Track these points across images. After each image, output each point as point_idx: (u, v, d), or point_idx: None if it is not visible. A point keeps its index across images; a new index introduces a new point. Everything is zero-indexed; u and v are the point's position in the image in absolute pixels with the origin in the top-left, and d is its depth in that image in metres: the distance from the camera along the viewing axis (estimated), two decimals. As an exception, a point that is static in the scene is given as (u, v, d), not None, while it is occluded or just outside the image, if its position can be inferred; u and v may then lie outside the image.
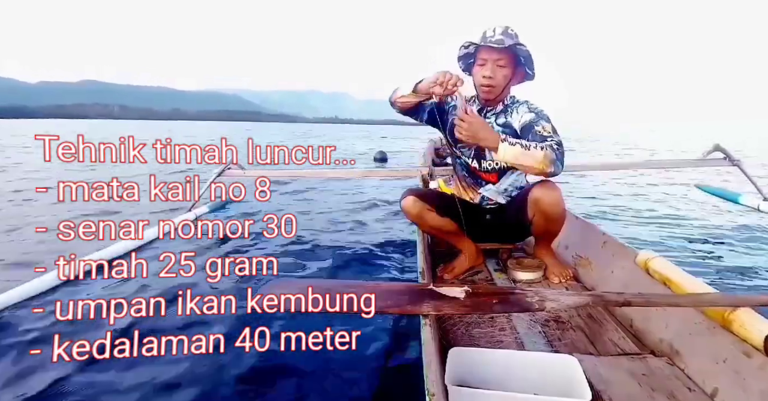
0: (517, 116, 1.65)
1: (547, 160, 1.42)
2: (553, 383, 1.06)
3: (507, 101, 1.70)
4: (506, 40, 1.55)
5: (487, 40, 1.56)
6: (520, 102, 1.69)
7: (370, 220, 3.80)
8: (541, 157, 1.42)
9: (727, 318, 1.07)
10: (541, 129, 1.53)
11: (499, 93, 1.65)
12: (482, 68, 1.61)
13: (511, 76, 1.63)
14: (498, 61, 1.58)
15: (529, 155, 1.42)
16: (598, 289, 1.66)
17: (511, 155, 1.43)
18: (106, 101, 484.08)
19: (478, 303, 1.18)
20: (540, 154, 1.42)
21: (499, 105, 1.70)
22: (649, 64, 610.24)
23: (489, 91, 1.63)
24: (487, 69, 1.59)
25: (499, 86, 1.63)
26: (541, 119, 1.58)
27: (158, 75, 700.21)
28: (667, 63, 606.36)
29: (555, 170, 1.45)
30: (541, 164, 1.42)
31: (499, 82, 1.61)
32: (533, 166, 1.44)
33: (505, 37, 1.55)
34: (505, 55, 1.58)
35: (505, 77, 1.61)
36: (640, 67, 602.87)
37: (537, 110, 1.63)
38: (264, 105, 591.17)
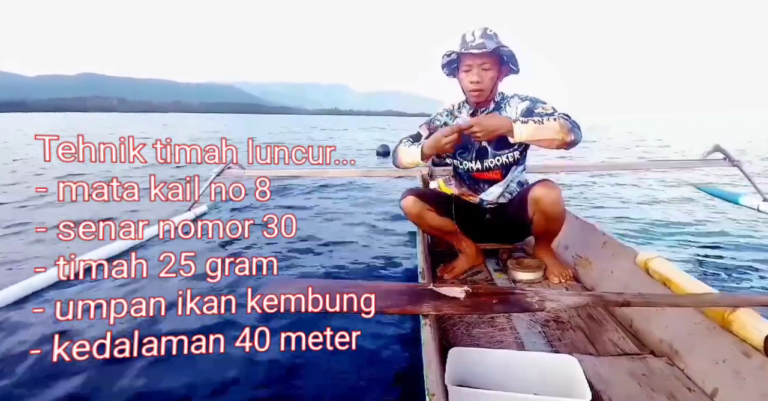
0: (512, 109, 1.66)
1: (564, 129, 1.43)
2: (553, 383, 1.06)
3: (497, 98, 1.71)
4: (487, 42, 1.55)
5: (468, 45, 1.56)
6: (510, 96, 1.71)
7: (370, 220, 3.79)
8: (557, 126, 1.43)
9: (727, 318, 1.07)
10: (542, 110, 1.55)
11: (489, 94, 1.67)
12: (468, 74, 1.62)
13: (497, 76, 1.64)
14: (482, 65, 1.59)
15: (545, 127, 1.44)
16: (598, 289, 1.66)
17: (528, 133, 1.44)
18: (105, 94, 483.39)
19: (478, 303, 1.18)
20: (555, 124, 1.44)
21: (491, 104, 1.71)
22: (652, 60, 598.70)
23: (479, 95, 1.65)
24: (474, 74, 1.60)
25: (488, 89, 1.64)
26: (537, 102, 1.61)
27: (158, 68, 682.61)
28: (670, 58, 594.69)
29: (575, 138, 1.45)
30: (560, 134, 1.43)
31: (487, 85, 1.63)
32: (553, 137, 1.44)
33: (486, 39, 1.55)
34: (489, 58, 1.58)
35: (491, 79, 1.63)
36: (642, 65, 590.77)
37: (529, 97, 1.66)
38: (264, 97, 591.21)
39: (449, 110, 1.79)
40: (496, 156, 1.72)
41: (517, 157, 1.73)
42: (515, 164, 1.74)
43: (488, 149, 1.71)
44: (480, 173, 1.78)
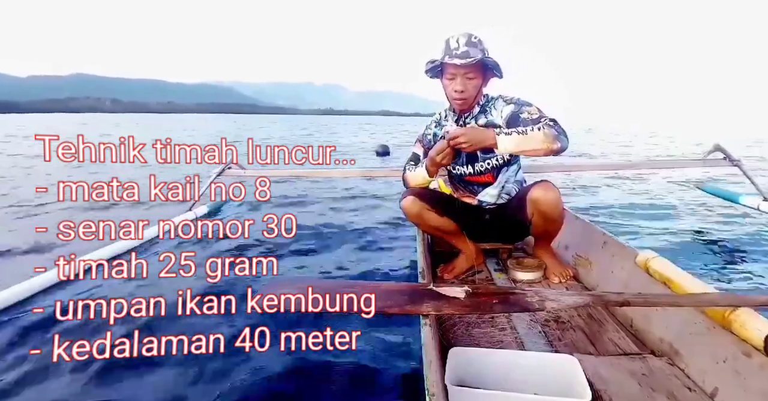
0: (497, 112, 1.65)
1: (549, 137, 1.41)
2: (553, 383, 1.06)
3: (482, 101, 1.70)
4: (471, 50, 1.53)
5: (453, 53, 1.55)
6: (494, 98, 1.69)
7: (370, 220, 3.79)
8: (542, 136, 1.41)
9: (727, 318, 1.07)
10: (527, 115, 1.53)
11: (473, 101, 1.66)
12: (452, 82, 1.60)
13: (481, 83, 1.63)
14: (467, 74, 1.58)
15: (529, 138, 1.42)
16: (598, 289, 1.66)
17: (512, 144, 1.43)
18: (97, 95, 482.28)
19: (478, 303, 1.18)
20: (539, 134, 1.42)
21: (475, 108, 1.69)
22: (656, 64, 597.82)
23: (463, 103, 1.65)
24: (458, 83, 1.59)
25: (471, 97, 1.63)
26: (522, 105, 1.59)
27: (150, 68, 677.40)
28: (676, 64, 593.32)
29: (562, 145, 1.44)
30: (545, 143, 1.42)
31: (471, 93, 1.62)
32: (538, 147, 1.42)
33: (470, 47, 1.54)
34: (473, 67, 1.57)
35: (475, 87, 1.61)
36: (647, 67, 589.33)
37: (515, 100, 1.64)
38: (258, 97, 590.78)
39: (437, 120, 1.79)
40: (486, 160, 1.71)
41: (507, 158, 1.72)
42: (507, 165, 1.73)
43: (477, 153, 1.70)
44: (472, 177, 1.77)
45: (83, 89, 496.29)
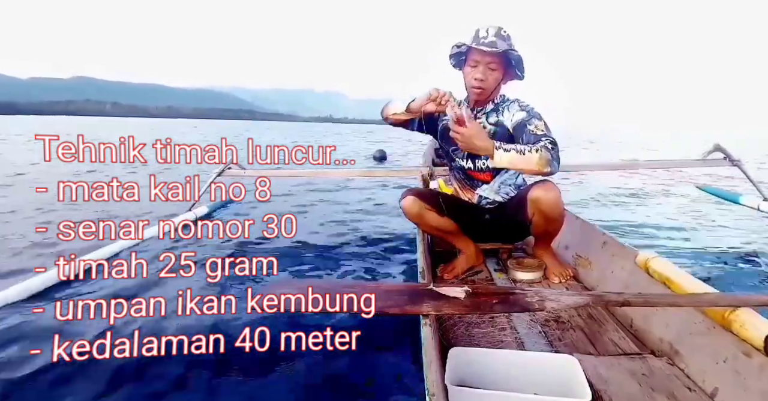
0: (509, 115, 1.65)
1: (542, 161, 1.43)
2: (553, 383, 1.06)
3: (497, 99, 1.70)
4: (499, 42, 1.55)
5: (480, 41, 1.56)
6: (511, 100, 1.70)
7: (370, 220, 3.80)
8: (536, 159, 1.43)
9: (727, 318, 1.07)
10: (534, 128, 1.54)
11: (489, 94, 1.67)
12: (474, 70, 1.61)
13: (501, 78, 1.64)
14: (490, 64, 1.59)
15: (524, 159, 1.44)
16: (598, 289, 1.66)
17: (507, 161, 1.45)
18: (98, 98, 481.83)
19: (478, 303, 1.18)
20: (535, 156, 1.43)
21: (489, 104, 1.70)
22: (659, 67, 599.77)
23: (480, 93, 1.65)
24: (479, 72, 1.60)
25: (490, 89, 1.64)
26: (533, 117, 1.59)
27: (152, 72, 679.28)
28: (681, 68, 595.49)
29: (551, 170, 1.46)
30: (537, 166, 1.44)
31: (490, 84, 1.63)
32: (530, 169, 1.46)
33: (498, 39, 1.56)
34: (497, 58, 1.58)
35: (495, 80, 1.63)
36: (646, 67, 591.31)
37: (528, 108, 1.64)
38: (258, 103, 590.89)
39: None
40: (487, 157, 1.72)
41: None
42: (506, 170, 1.75)
43: None
44: (473, 172, 1.80)
45: (84, 92, 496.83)
